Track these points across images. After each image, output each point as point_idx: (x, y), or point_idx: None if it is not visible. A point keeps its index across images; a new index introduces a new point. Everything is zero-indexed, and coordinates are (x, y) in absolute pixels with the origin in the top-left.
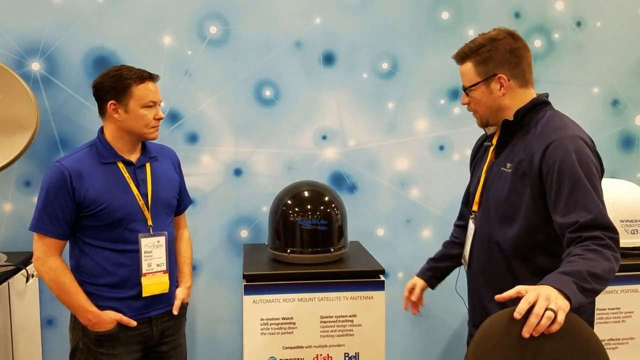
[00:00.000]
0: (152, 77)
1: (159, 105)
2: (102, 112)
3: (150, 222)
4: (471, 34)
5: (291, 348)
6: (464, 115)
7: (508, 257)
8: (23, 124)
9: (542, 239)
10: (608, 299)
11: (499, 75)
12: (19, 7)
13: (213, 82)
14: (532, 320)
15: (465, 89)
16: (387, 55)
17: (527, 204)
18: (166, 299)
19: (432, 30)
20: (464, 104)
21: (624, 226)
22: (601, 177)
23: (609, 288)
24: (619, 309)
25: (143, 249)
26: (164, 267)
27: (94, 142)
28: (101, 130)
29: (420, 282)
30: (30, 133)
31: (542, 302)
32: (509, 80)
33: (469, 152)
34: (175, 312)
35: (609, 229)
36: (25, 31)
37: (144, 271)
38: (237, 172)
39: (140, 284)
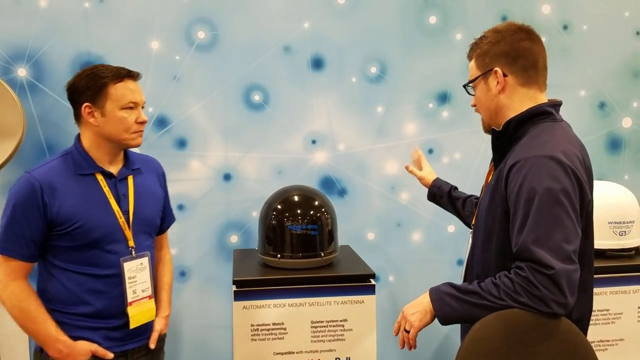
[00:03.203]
0: (131, 75)
1: (142, 107)
2: (77, 116)
3: (132, 243)
4: (459, 38)
5: (282, 354)
6: (452, 118)
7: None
8: (9, 131)
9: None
10: (597, 301)
11: (494, 69)
12: (5, 12)
13: (201, 87)
14: (400, 343)
15: (465, 86)
16: (376, 59)
17: (498, 227)
18: (144, 330)
19: (420, 35)
20: (472, 105)
21: (612, 228)
22: (586, 201)
23: (598, 290)
24: (608, 310)
25: (127, 274)
26: (149, 292)
27: (70, 151)
28: (78, 137)
29: (430, 175)
30: (17, 140)
31: (402, 325)
32: (505, 76)
33: (458, 156)
34: (152, 345)
35: (535, 262)
36: (11, 37)
37: (129, 300)
38: (227, 177)
39: (124, 314)
